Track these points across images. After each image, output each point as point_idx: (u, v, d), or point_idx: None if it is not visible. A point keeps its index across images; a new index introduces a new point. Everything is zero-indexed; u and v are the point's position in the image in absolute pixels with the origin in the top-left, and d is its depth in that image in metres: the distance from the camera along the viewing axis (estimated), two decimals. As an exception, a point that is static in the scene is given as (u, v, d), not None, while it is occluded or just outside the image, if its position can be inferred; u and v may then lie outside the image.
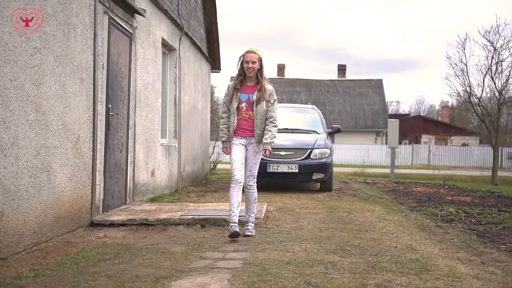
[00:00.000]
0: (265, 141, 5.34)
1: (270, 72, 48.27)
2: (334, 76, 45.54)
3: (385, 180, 16.30)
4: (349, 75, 45.37)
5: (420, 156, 35.74)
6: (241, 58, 5.39)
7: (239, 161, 5.33)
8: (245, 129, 5.37)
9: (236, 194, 5.27)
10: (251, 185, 5.43)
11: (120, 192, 6.98)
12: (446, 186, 14.23)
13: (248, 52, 5.39)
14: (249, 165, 5.40)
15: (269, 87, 5.45)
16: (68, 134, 5.24)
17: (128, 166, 7.30)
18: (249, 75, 5.38)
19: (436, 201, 10.05)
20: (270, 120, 5.39)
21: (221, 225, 5.91)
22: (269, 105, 5.39)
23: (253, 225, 5.51)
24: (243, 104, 5.36)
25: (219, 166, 17.42)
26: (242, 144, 5.38)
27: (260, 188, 10.89)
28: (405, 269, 4.10)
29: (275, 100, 5.45)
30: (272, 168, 10.11)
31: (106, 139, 6.34)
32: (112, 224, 5.88)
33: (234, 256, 4.48)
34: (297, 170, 10.14)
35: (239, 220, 5.33)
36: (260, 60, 5.38)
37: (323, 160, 10.33)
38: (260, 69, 5.40)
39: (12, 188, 4.20)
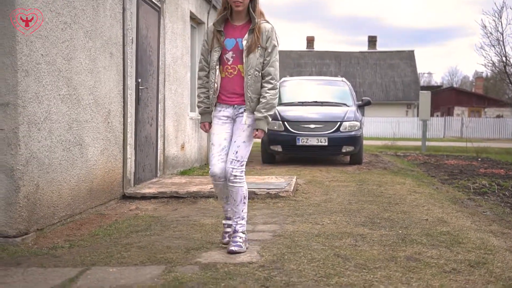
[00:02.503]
0: (257, 115, 3.66)
1: (299, 44, 47.84)
2: (364, 47, 44.86)
3: (416, 153, 16.10)
4: (380, 47, 44.79)
5: (452, 129, 35.14)
6: None
7: (220, 145, 3.71)
8: (232, 92, 3.71)
9: (220, 188, 3.82)
10: (235, 175, 3.68)
11: (150, 165, 7.07)
12: (479, 159, 13.98)
13: None
14: (235, 143, 3.69)
15: (266, 26, 3.68)
16: (99, 108, 5.30)
17: (158, 140, 7.37)
18: (236, 10, 3.65)
19: (468, 173, 9.89)
20: (267, 79, 3.67)
21: (251, 197, 5.94)
22: (266, 54, 3.66)
23: (244, 236, 3.76)
24: (229, 54, 3.68)
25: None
26: (227, 118, 3.75)
27: (290, 161, 10.96)
28: (436, 241, 4.07)
29: (275, 46, 3.68)
30: (301, 141, 10.09)
31: (136, 113, 6.41)
32: (144, 197, 5.98)
33: (263, 228, 4.51)
34: (326, 143, 10.09)
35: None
36: None
37: (353, 133, 10.24)
38: (253, 1, 3.69)
39: (46, 162, 4.30)
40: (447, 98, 46.35)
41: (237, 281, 3.03)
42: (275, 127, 10.25)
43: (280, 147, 10.26)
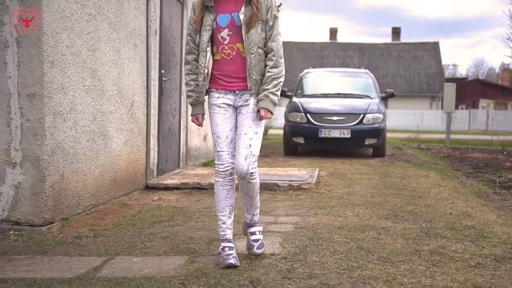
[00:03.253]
0: (261, 95, 3.17)
1: (322, 36, 47.63)
2: (388, 39, 44.37)
3: (440, 146, 15.90)
4: (404, 38, 44.19)
5: (477, 121, 34.59)
6: None
7: (227, 137, 3.24)
8: (232, 76, 3.21)
9: (226, 193, 3.27)
10: (252, 172, 3.19)
11: (173, 156, 7.11)
12: (505, 152, 13.74)
13: None
14: (246, 135, 3.18)
15: None
16: (123, 99, 5.34)
17: (181, 131, 7.41)
18: None
19: (494, 167, 9.73)
20: (269, 56, 3.19)
21: (273, 189, 5.95)
22: (268, 28, 3.18)
23: (261, 229, 3.46)
24: (224, 32, 3.17)
25: (270, 131, 17.45)
26: (228, 106, 3.25)
27: (312, 153, 10.91)
28: (461, 235, 4.02)
29: (276, 17, 3.18)
30: (324, 133, 10.03)
31: (160, 104, 6.44)
32: (166, 188, 6.02)
33: (285, 220, 4.51)
34: (349, 136, 10.02)
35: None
36: None
37: (376, 125, 10.15)
38: None
39: (71, 152, 4.35)
40: (472, 90, 45.61)
41: (259, 273, 3.03)
42: (298, 119, 10.22)
43: (303, 139, 10.22)
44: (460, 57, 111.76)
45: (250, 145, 3.16)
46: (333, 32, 44.09)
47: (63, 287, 2.80)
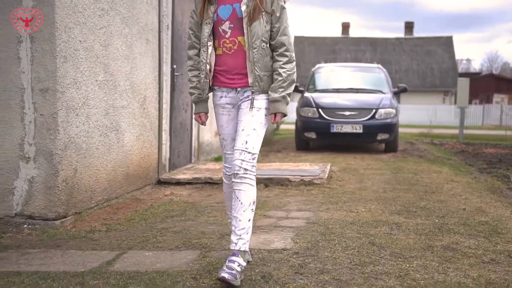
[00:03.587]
0: (274, 96, 2.92)
1: (334, 31, 47.40)
2: (400, 34, 44.07)
3: (453, 141, 15.78)
4: (417, 33, 43.82)
5: (491, 116, 34.28)
6: None
7: (233, 139, 3.08)
8: (234, 73, 2.99)
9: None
10: (246, 169, 2.90)
11: (185, 151, 7.13)
12: (519, 148, 13.60)
13: None
14: (243, 132, 2.93)
15: None
16: (135, 94, 5.36)
17: (193, 126, 7.42)
18: None
19: (508, 162, 9.64)
20: (281, 51, 2.95)
21: (285, 184, 5.95)
22: (274, 20, 2.94)
23: (244, 264, 2.81)
24: (225, 25, 2.95)
25: (282, 126, 17.43)
26: (233, 106, 3.06)
27: (324, 148, 10.88)
28: (474, 231, 3.99)
29: (283, 8, 2.95)
30: (336, 129, 10.00)
31: (172, 99, 6.45)
32: (178, 182, 6.04)
33: (297, 215, 4.50)
34: (361, 131, 9.98)
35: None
36: None
37: (388, 120, 10.09)
38: None
39: (84, 146, 4.37)
40: (486, 85, 45.19)
41: (271, 267, 3.03)
42: (310, 114, 10.19)
43: (314, 134, 10.20)
44: (473, 52, 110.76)
45: (246, 141, 2.90)
46: (346, 27, 43.89)
47: (76, 281, 2.82)
